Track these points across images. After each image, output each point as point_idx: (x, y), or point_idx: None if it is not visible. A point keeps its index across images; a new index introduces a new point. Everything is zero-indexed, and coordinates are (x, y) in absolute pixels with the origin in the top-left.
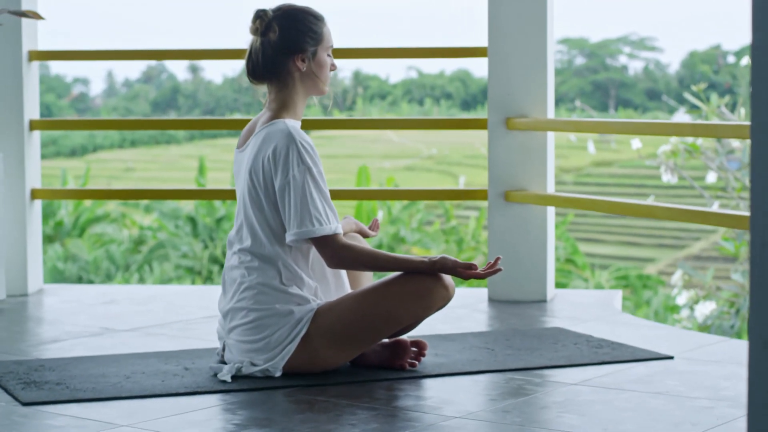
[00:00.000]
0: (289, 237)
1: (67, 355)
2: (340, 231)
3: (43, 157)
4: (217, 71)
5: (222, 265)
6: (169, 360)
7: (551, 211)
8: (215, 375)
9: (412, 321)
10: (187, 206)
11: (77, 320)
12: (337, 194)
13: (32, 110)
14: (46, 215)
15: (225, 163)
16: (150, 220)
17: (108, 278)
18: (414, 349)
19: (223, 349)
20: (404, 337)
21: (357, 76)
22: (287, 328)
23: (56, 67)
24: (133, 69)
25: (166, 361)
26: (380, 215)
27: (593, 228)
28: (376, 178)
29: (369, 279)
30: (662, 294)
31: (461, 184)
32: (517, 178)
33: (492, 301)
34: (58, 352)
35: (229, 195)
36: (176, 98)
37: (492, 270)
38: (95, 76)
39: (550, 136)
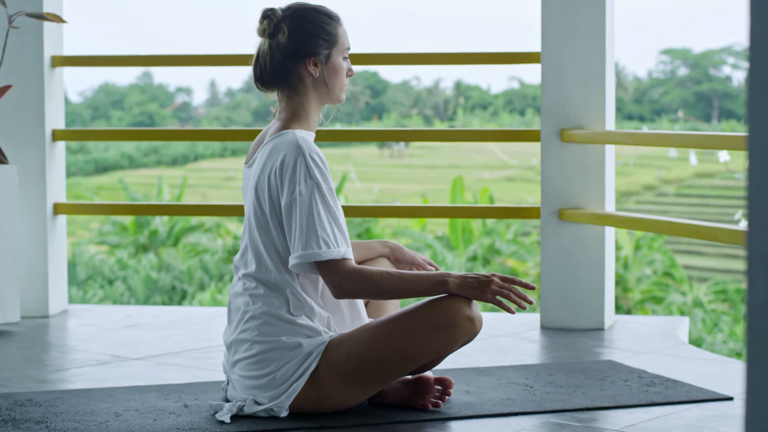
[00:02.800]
0: (292, 261)
1: (64, 387)
2: (350, 256)
3: (145, 165)
4: None
5: None
6: (170, 395)
7: (610, 231)
8: (214, 414)
9: (433, 357)
10: None
11: (89, 347)
12: (380, 212)
13: (56, 119)
14: (141, 225)
15: None
16: None
17: (201, 288)
18: (438, 387)
19: (228, 384)
20: (428, 373)
21: (458, 86)
22: (295, 363)
23: (159, 76)
24: (236, 78)
25: (166, 397)
26: (476, 228)
27: (695, 239)
28: (472, 188)
29: (395, 306)
30: None
31: None
32: (573, 195)
33: (544, 329)
34: (54, 384)
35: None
36: None
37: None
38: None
39: (609, 149)
